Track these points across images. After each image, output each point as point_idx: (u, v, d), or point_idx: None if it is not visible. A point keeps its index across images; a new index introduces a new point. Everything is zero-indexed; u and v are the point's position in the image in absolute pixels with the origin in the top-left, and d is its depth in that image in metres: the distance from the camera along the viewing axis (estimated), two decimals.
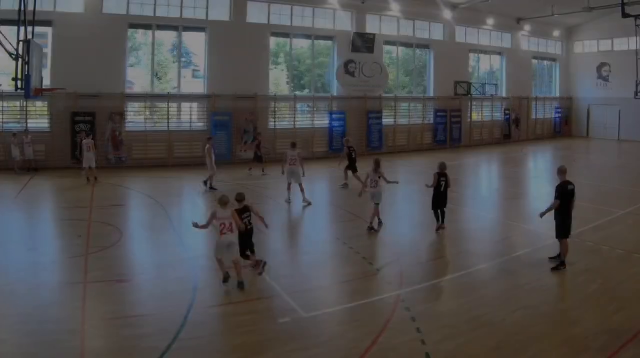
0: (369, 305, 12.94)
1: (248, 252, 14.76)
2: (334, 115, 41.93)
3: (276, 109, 40.29)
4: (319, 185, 29.95)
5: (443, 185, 19.37)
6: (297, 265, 16.50)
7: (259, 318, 12.22)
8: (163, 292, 13.65)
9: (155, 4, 35.97)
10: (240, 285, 13.78)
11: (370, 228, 19.73)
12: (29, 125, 32.86)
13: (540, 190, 28.27)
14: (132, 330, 11.44)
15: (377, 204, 19.92)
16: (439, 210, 19.50)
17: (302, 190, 24.45)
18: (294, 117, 41.08)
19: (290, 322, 11.95)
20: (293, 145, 25.85)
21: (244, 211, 14.46)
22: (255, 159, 32.56)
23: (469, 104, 50.85)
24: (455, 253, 17.46)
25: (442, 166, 19.71)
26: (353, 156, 28.59)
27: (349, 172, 28.40)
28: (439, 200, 19.43)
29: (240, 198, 14.61)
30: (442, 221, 19.55)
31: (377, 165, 19.94)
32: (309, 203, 24.16)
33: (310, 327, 11.82)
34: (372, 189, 19.93)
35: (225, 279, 13.92)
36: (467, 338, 11.20)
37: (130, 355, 10.52)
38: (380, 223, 20.16)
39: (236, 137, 37.48)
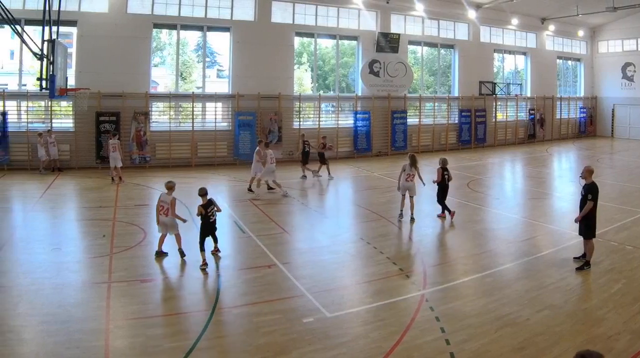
0: (393, 305, 12.88)
1: (205, 247, 15.87)
2: (358, 115, 41.26)
3: (300, 108, 39.77)
4: (343, 185, 29.63)
5: (447, 179, 21.19)
6: (321, 265, 16.12)
7: (282, 318, 12.09)
8: (187, 292, 13.72)
9: (180, 4, 35.63)
10: (182, 253, 16.34)
11: (412, 218, 20.93)
12: (53, 125, 32.64)
13: (564, 190, 28.32)
14: (157, 330, 11.43)
15: (412, 197, 21.14)
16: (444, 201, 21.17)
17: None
18: (319, 117, 40.39)
19: (314, 322, 11.90)
20: (266, 145, 26.64)
21: (208, 205, 15.83)
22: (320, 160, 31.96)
23: (494, 103, 49.99)
24: (479, 253, 17.25)
25: (444, 161, 21.30)
26: (307, 149, 31.69)
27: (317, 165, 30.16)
28: (445, 193, 21.14)
29: (202, 193, 15.88)
30: (447, 210, 21.17)
31: (413, 160, 20.93)
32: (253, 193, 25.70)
33: (334, 327, 11.68)
34: (407, 183, 20.90)
35: (158, 254, 16.38)
36: (491, 338, 11.14)
37: (154, 355, 10.43)
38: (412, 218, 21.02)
39: (261, 136, 36.19)
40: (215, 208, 15.99)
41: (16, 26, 23.22)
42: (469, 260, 16.59)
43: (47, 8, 23.23)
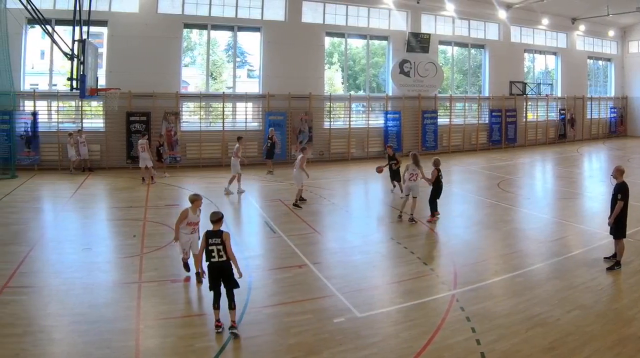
0: (424, 305, 12.65)
1: (219, 303, 11.40)
2: (389, 115, 40.42)
3: (331, 109, 38.83)
4: (374, 185, 28.97)
5: (441, 179, 20.72)
6: (351, 265, 15.72)
7: (313, 318, 11.87)
8: None
9: (210, 4, 35.22)
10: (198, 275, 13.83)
11: (412, 219, 20.24)
12: (84, 125, 32.33)
13: (595, 190, 27.78)
14: (187, 330, 11.25)
15: (415, 198, 20.53)
16: (436, 202, 20.59)
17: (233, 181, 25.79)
18: (349, 117, 39.43)
19: (345, 322, 11.67)
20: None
21: (213, 235, 11.26)
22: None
23: (525, 103, 48.92)
24: (510, 253, 16.87)
25: (437, 162, 20.61)
26: (270, 145, 32.06)
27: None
28: (439, 193, 20.54)
29: (215, 218, 11.50)
30: (433, 212, 20.62)
31: (416, 160, 20.53)
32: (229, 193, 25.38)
33: (365, 327, 11.45)
34: (411, 183, 20.47)
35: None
36: (521, 338, 10.91)
37: (184, 355, 10.29)
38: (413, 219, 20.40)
39: (291, 136, 36.35)
40: (225, 247, 11.19)
41: (47, 26, 23.03)
42: (499, 260, 16.22)
43: (77, 8, 22.91)
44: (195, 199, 13.74)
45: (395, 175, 25.49)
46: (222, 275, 11.12)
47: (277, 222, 20.22)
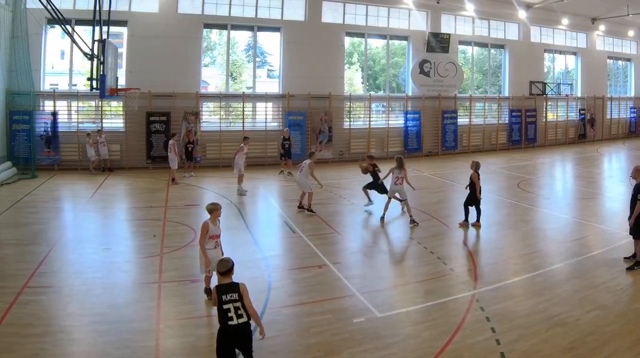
0: (444, 305, 12.44)
1: None
2: (409, 115, 39.79)
3: (351, 109, 38.33)
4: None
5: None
6: (371, 265, 15.60)
7: (333, 318, 11.65)
8: None
9: (230, 4, 34.82)
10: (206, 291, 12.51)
11: (412, 221, 19.63)
12: (104, 125, 32.17)
13: (615, 190, 27.07)
14: (207, 330, 11.01)
15: (405, 201, 20.21)
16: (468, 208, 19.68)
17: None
18: (369, 117, 38.89)
19: (365, 322, 11.48)
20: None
21: (227, 290, 8.73)
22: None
23: (544, 103, 48.11)
24: (529, 253, 16.55)
25: (478, 165, 19.76)
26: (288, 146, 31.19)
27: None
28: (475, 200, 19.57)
29: (224, 269, 8.96)
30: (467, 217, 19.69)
31: (400, 163, 20.08)
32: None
33: (384, 327, 11.27)
34: (396, 186, 20.06)
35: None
36: (541, 338, 10.70)
37: (205, 355, 10.07)
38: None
39: (311, 136, 35.82)
40: (243, 303, 8.63)
41: (67, 26, 22.77)
42: (519, 260, 15.96)
43: (97, 8, 22.63)
44: (215, 209, 12.43)
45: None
46: (241, 341, 8.60)
47: (297, 222, 19.95)
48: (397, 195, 20.26)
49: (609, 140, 52.65)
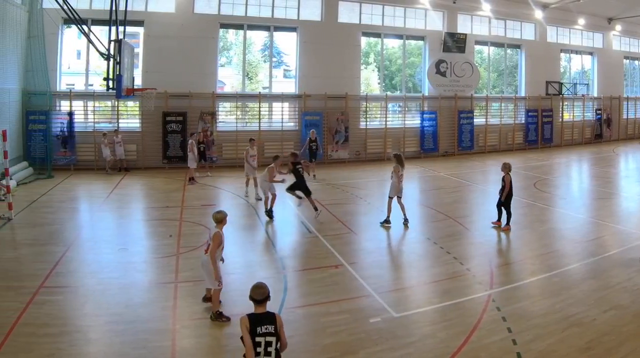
0: (460, 305, 12.29)
1: None
2: (425, 115, 39.27)
3: (367, 109, 37.85)
4: (410, 185, 27.82)
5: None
6: (388, 265, 15.66)
7: (349, 318, 11.56)
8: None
9: (246, 4, 34.45)
10: (218, 316, 11.36)
11: (407, 220, 19.33)
12: (120, 125, 31.86)
13: (631, 190, 26.93)
14: (223, 330, 11.03)
15: (399, 198, 19.40)
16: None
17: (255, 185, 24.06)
18: (385, 117, 38.33)
19: (381, 322, 11.39)
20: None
21: (262, 321, 7.36)
22: None
23: (561, 103, 47.39)
24: (546, 253, 16.36)
25: (510, 167, 18.92)
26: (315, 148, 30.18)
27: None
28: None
29: (261, 297, 7.50)
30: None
31: (400, 160, 19.40)
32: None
33: (401, 327, 11.21)
34: (401, 185, 19.44)
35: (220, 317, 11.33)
36: (558, 338, 10.59)
37: (220, 355, 10.19)
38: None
39: (327, 137, 35.34)
40: (277, 337, 7.37)
41: (83, 26, 22.48)
42: (535, 260, 15.73)
43: (113, 8, 22.33)
44: (225, 217, 11.85)
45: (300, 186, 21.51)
46: None
47: (313, 222, 19.64)
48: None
49: (625, 140, 51.92)
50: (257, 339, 7.23)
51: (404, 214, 19.27)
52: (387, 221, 19.20)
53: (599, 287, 13.25)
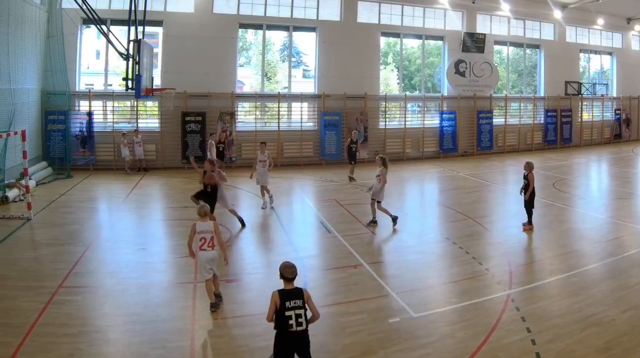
0: (479, 305, 12.15)
1: None
2: (444, 115, 38.70)
3: (386, 109, 37.19)
4: (429, 185, 28.43)
5: None
6: (407, 265, 15.22)
7: (368, 318, 11.45)
8: (272, 292, 11.68)
9: (265, 4, 34.00)
10: (218, 300, 11.87)
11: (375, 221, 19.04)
12: (139, 125, 31.53)
13: None
14: (242, 330, 10.94)
15: (379, 203, 18.97)
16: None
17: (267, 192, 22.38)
18: (405, 117, 37.67)
19: (400, 322, 11.27)
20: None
21: (291, 296, 8.27)
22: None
23: (580, 103, 46.58)
24: (565, 253, 16.14)
25: (533, 166, 18.75)
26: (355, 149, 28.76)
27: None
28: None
29: (292, 275, 8.43)
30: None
31: (385, 163, 19.11)
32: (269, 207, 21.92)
33: (420, 327, 11.09)
34: (378, 185, 18.98)
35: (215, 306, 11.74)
36: (577, 338, 10.44)
37: (239, 355, 10.00)
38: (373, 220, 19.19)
39: (346, 137, 34.30)
40: (306, 310, 8.34)
41: (102, 26, 22.26)
42: (554, 260, 15.53)
43: (132, 8, 22.00)
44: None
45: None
46: (300, 347, 8.24)
47: (333, 222, 19.47)
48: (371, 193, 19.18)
49: None
50: (287, 313, 8.12)
51: (390, 215, 18.81)
52: (374, 222, 18.91)
53: (617, 287, 13.08)
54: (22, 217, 18.98)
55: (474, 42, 39.55)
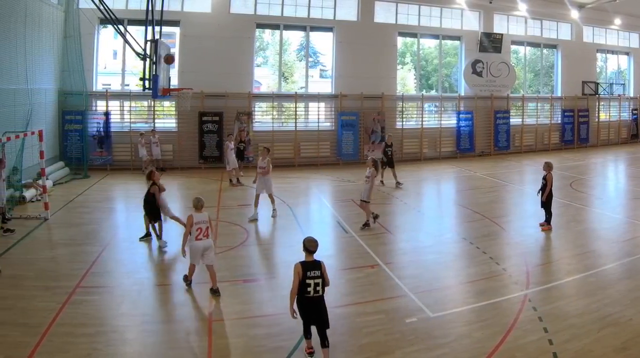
0: (496, 305, 12.10)
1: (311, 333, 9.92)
2: (461, 115, 38.16)
3: (403, 109, 36.63)
4: (446, 185, 28.15)
5: None
6: (424, 265, 15.10)
7: (385, 318, 11.42)
8: (290, 292, 11.58)
9: (282, 4, 33.64)
10: (215, 293, 12.44)
11: (369, 225, 18.56)
12: (156, 125, 31.29)
13: None
14: (259, 330, 10.90)
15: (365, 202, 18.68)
16: None
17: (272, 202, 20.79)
18: (422, 117, 37.10)
19: (417, 322, 11.22)
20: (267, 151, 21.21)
21: (311, 267, 9.50)
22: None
23: (597, 103, 45.86)
24: (582, 253, 16.05)
25: (552, 166, 18.74)
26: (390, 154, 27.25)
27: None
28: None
29: (315, 248, 9.58)
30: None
31: (377, 165, 18.87)
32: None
33: (437, 327, 11.05)
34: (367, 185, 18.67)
35: (187, 281, 12.90)
36: (594, 338, 10.39)
37: (257, 355, 9.95)
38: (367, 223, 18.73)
39: (363, 137, 34.35)
40: (323, 280, 9.56)
41: (119, 26, 21.92)
42: (571, 260, 15.41)
43: (150, 8, 21.63)
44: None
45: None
46: (317, 311, 9.52)
47: (349, 222, 19.25)
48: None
49: None
50: (308, 281, 9.31)
51: (371, 214, 18.61)
52: (368, 222, 18.47)
53: (635, 287, 12.96)
54: (39, 217, 18.91)
55: (491, 42, 38.99)
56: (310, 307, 9.44)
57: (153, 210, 16.60)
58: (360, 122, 34.31)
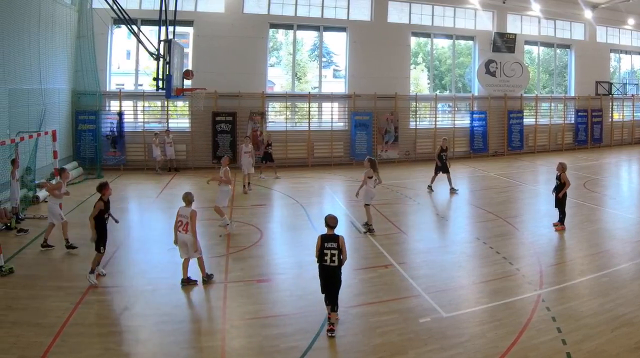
0: (510, 305, 11.98)
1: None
2: (474, 115, 37.53)
3: (417, 109, 36.13)
4: (459, 185, 26.87)
5: None
6: (437, 265, 14.90)
7: (399, 318, 11.32)
8: (303, 292, 12.82)
9: (296, 4, 33.18)
10: (209, 277, 13.08)
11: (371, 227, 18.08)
12: (170, 125, 30.93)
13: None
14: (273, 330, 10.80)
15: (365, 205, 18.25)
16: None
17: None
18: (435, 117, 36.67)
19: (431, 322, 11.13)
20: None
21: (329, 239, 10.75)
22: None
23: (610, 104, 45.12)
24: (595, 253, 15.83)
25: (566, 166, 18.41)
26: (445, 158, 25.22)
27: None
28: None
29: (335, 223, 10.92)
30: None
31: (374, 165, 17.81)
32: None
33: (450, 327, 10.94)
34: (374, 191, 18.19)
35: (185, 283, 12.88)
36: (607, 338, 10.26)
37: (270, 355, 9.84)
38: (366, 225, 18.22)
39: (377, 137, 33.83)
40: (340, 252, 10.67)
41: (132, 26, 21.60)
42: (585, 260, 15.27)
43: (163, 8, 21.39)
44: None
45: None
46: (330, 278, 10.60)
47: (363, 222, 18.60)
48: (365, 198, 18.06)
49: None
50: (325, 251, 10.46)
51: (366, 223, 18.06)
52: (370, 227, 17.80)
53: None
54: None
55: (505, 42, 38.38)
56: (326, 273, 10.52)
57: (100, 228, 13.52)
58: (374, 122, 33.79)
